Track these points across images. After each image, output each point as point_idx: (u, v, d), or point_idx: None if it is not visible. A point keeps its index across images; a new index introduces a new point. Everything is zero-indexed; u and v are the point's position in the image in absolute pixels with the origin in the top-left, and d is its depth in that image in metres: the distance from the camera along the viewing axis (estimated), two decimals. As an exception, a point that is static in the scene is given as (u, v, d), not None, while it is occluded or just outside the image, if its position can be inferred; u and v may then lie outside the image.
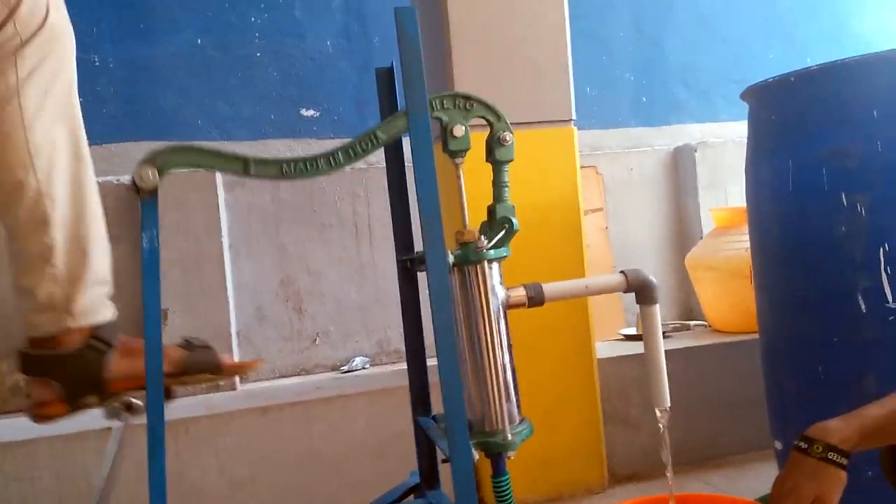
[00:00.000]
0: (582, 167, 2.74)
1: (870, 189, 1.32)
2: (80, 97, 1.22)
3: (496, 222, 0.91)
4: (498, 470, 0.88)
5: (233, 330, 2.35)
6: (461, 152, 0.87)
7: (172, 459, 1.68)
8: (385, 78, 1.03)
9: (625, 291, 0.98)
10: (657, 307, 0.98)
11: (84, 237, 0.90)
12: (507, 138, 0.90)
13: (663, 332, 2.14)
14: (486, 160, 0.93)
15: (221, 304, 2.33)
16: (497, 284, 0.88)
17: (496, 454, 0.87)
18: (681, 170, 2.81)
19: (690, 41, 3.02)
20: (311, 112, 2.66)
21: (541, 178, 1.82)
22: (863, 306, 1.33)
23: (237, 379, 2.32)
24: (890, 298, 1.31)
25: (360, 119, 2.68)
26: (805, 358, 1.42)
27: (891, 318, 1.30)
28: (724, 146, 2.67)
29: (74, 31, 0.94)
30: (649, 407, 1.94)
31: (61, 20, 0.92)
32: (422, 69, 0.77)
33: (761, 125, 1.53)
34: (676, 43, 3.01)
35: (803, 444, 0.91)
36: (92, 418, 1.67)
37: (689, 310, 2.71)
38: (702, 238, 2.41)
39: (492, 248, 0.87)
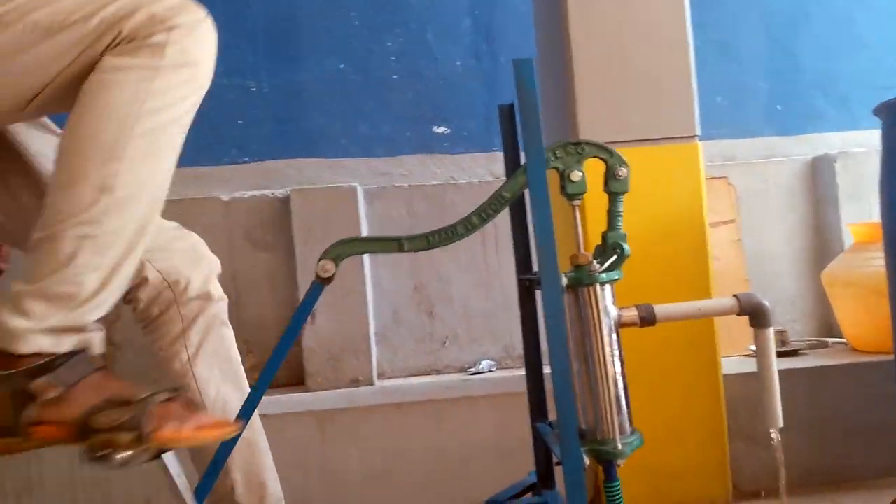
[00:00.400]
0: (712, 178, 2.73)
1: None
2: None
3: (609, 248, 0.99)
4: (609, 476, 0.96)
5: (371, 331, 2.55)
6: (578, 195, 0.95)
7: (318, 448, 1.88)
8: (507, 115, 1.13)
9: (738, 314, 1.02)
10: (771, 330, 1.02)
11: (258, 472, 1.07)
12: (622, 172, 0.98)
13: (797, 350, 2.11)
14: (604, 190, 1.01)
15: (362, 308, 2.54)
16: (609, 304, 0.96)
17: (607, 462, 0.95)
18: (819, 180, 2.71)
19: (827, 47, 2.90)
20: (442, 129, 2.82)
21: (665, 194, 1.85)
22: None
23: (374, 375, 2.52)
24: None
25: (487, 134, 2.81)
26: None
27: None
28: (867, 155, 2.55)
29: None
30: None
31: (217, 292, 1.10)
32: (539, 126, 0.87)
33: (894, 142, 1.49)
34: (812, 49, 2.91)
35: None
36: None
37: (828, 326, 2.61)
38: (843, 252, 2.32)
39: (604, 271, 0.95)
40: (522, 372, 1.16)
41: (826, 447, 1.91)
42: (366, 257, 2.59)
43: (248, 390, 1.04)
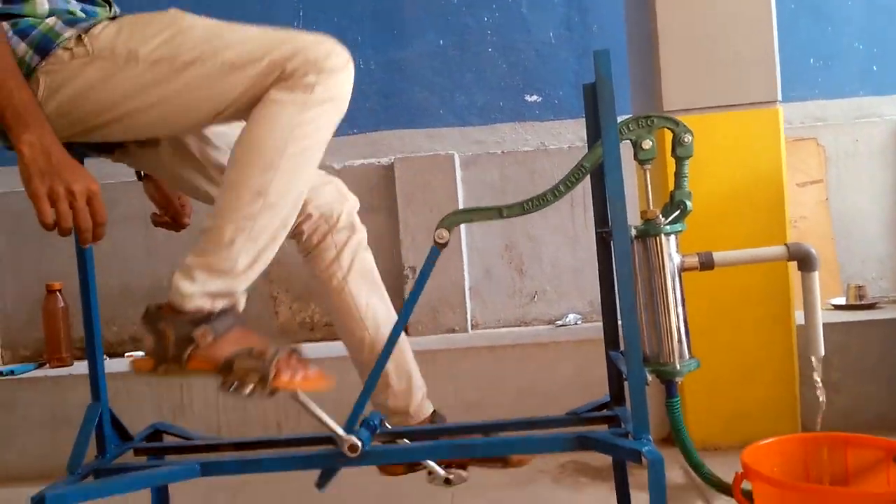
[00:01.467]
0: (801, 139, 2.79)
1: None
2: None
3: (674, 204, 1.16)
4: (669, 392, 1.16)
5: (466, 286, 2.80)
6: (649, 160, 1.13)
7: (422, 384, 2.14)
8: (590, 93, 1.30)
9: (787, 260, 1.17)
10: (816, 274, 1.17)
11: (403, 361, 1.32)
12: (686, 139, 1.14)
13: (875, 304, 2.19)
14: (671, 155, 1.18)
15: (458, 264, 2.80)
16: (673, 252, 1.14)
17: (668, 381, 1.14)
18: (914, 139, 2.70)
19: (927, 5, 2.85)
20: (534, 98, 2.99)
21: (745, 156, 1.97)
22: None
23: (469, 325, 2.77)
24: None
25: (578, 101, 2.94)
26: None
27: None
28: (963, 114, 2.53)
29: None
30: (850, 372, 2.04)
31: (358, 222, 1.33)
32: (614, 108, 1.05)
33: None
34: (912, 7, 2.86)
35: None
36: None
37: (920, 283, 2.64)
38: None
39: (668, 224, 1.13)
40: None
41: (883, 397, 2.00)
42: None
43: (389, 300, 1.31)
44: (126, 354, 2.74)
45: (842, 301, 2.30)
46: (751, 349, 1.94)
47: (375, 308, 1.28)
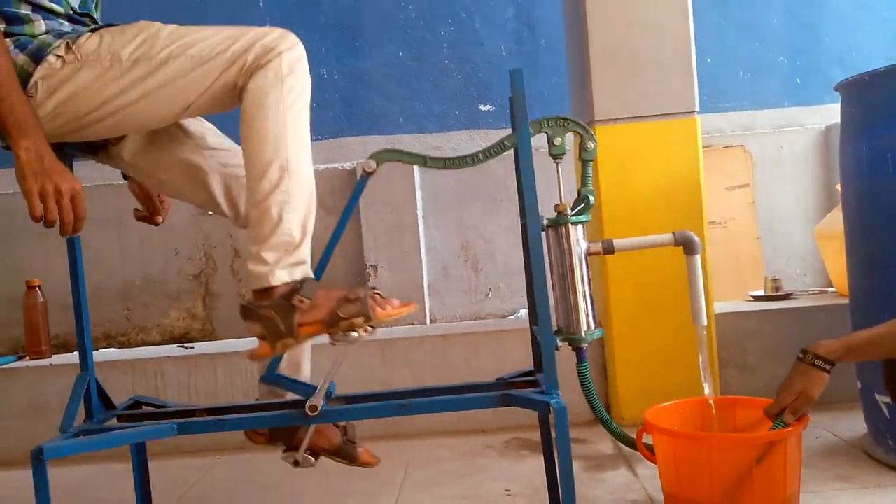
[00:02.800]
0: (729, 146, 3.05)
1: (925, 169, 1.59)
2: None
3: (580, 199, 1.37)
4: (579, 358, 1.36)
5: (425, 283, 3.00)
6: (560, 156, 1.34)
7: (378, 368, 2.33)
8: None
9: (675, 246, 1.38)
10: (698, 257, 1.38)
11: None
12: (589, 145, 1.35)
13: (788, 294, 2.42)
14: (578, 158, 1.38)
15: (416, 263, 3.00)
16: (580, 239, 1.34)
17: (577, 347, 1.35)
18: (832, 147, 2.97)
19: (847, 22, 3.12)
20: (488, 107, 3.21)
21: (666, 161, 2.20)
22: (919, 267, 1.61)
23: (427, 321, 2.97)
24: (941, 260, 1.57)
25: (528, 109, 3.17)
26: (874, 310, 1.71)
27: (941, 276, 1.57)
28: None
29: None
30: (765, 355, 2.28)
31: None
32: (527, 115, 1.25)
33: (846, 114, 1.81)
34: (832, 25, 3.15)
35: (800, 355, 1.29)
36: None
37: (834, 278, 2.90)
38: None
39: (574, 215, 1.34)
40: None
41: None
42: (420, 223, 3.02)
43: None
44: (100, 350, 2.89)
45: (760, 293, 2.54)
46: (673, 334, 2.16)
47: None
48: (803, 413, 1.28)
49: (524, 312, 2.93)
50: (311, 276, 1.24)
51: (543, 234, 1.34)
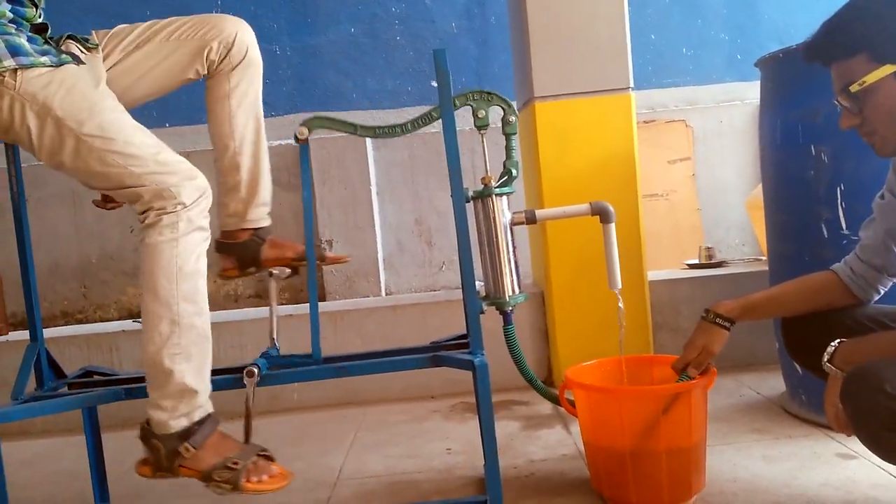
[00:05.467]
0: (671, 121, 3.15)
1: (830, 141, 1.70)
2: (265, 80, 1.80)
3: (505, 171, 1.46)
4: (505, 321, 1.46)
5: (380, 257, 3.08)
6: (484, 127, 1.42)
7: (331, 339, 2.41)
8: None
9: (591, 215, 1.48)
10: (612, 225, 1.47)
11: (257, 178, 1.52)
12: (512, 119, 1.43)
13: (721, 262, 2.54)
14: (502, 132, 1.47)
15: (371, 238, 3.07)
16: (505, 209, 1.43)
17: (503, 311, 1.45)
18: (768, 121, 3.09)
19: (784, 1, 3.24)
20: (439, 83, 3.27)
21: (602, 136, 2.29)
22: (825, 232, 1.73)
23: (383, 294, 3.05)
24: (844, 226, 1.70)
25: (478, 85, 3.22)
26: (787, 272, 1.83)
27: (844, 241, 1.69)
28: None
29: (260, 29, 1.52)
30: (697, 319, 2.39)
31: (255, 54, 1.55)
32: (450, 94, 1.32)
33: (764, 89, 1.92)
34: (772, 2, 3.25)
35: (703, 314, 1.40)
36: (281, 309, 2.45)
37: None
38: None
39: (497, 187, 1.42)
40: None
41: (735, 338, 2.37)
42: (374, 198, 3.09)
43: (263, 132, 1.52)
44: (57, 327, 2.92)
45: (695, 261, 2.66)
46: (612, 300, 2.26)
47: (246, 125, 1.49)
48: (707, 367, 1.40)
49: (478, 284, 3.02)
50: (212, 413, 1.32)
51: (470, 205, 1.43)
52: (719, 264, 2.60)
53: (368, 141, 3.09)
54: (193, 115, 3.04)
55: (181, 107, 3.02)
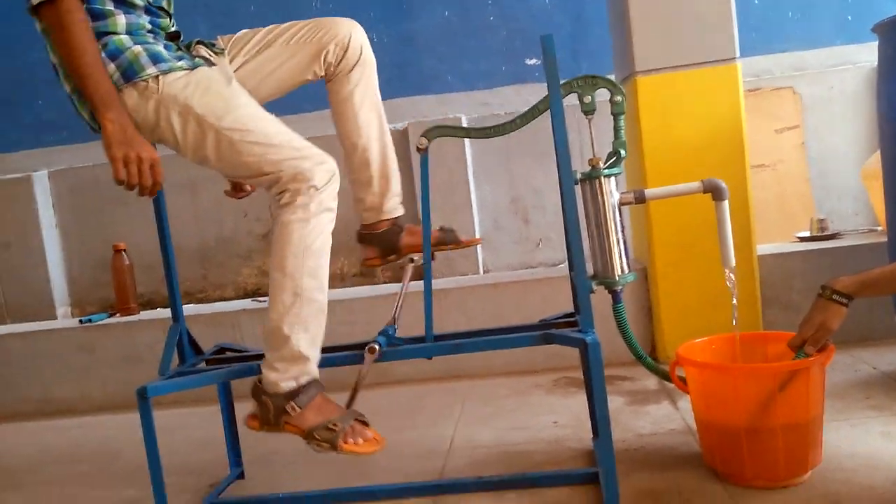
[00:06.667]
0: (778, 88, 3.04)
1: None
2: None
3: (613, 152, 1.47)
4: (615, 300, 1.48)
5: (477, 236, 3.13)
6: (591, 112, 1.44)
7: (436, 316, 2.47)
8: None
9: (703, 193, 1.47)
10: (726, 202, 1.46)
11: (387, 172, 1.64)
12: (617, 99, 1.44)
13: (834, 235, 2.46)
14: (610, 112, 1.48)
15: (469, 217, 3.13)
16: (613, 190, 1.44)
17: (612, 290, 1.47)
18: (884, 84, 2.92)
19: (901, -47, 3.03)
20: (533, 61, 3.27)
21: (708, 108, 2.25)
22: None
23: (481, 271, 3.12)
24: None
25: (574, 62, 3.22)
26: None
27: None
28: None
29: (358, 18, 1.59)
30: (808, 294, 2.33)
31: (368, 53, 1.63)
32: (558, 79, 1.34)
33: (883, 55, 1.83)
34: (886, -43, 3.05)
35: (819, 291, 1.38)
36: (387, 287, 2.57)
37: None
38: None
39: (606, 168, 1.44)
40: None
41: (853, 311, 2.29)
42: (471, 178, 3.15)
43: (385, 124, 1.64)
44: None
45: (806, 234, 2.57)
46: (715, 274, 2.22)
47: (370, 122, 1.60)
48: (825, 343, 1.38)
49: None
50: (318, 378, 1.43)
51: (578, 187, 1.46)
52: (832, 236, 2.50)
53: (465, 123, 3.14)
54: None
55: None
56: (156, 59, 1.38)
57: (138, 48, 1.38)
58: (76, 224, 3.33)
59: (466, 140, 3.14)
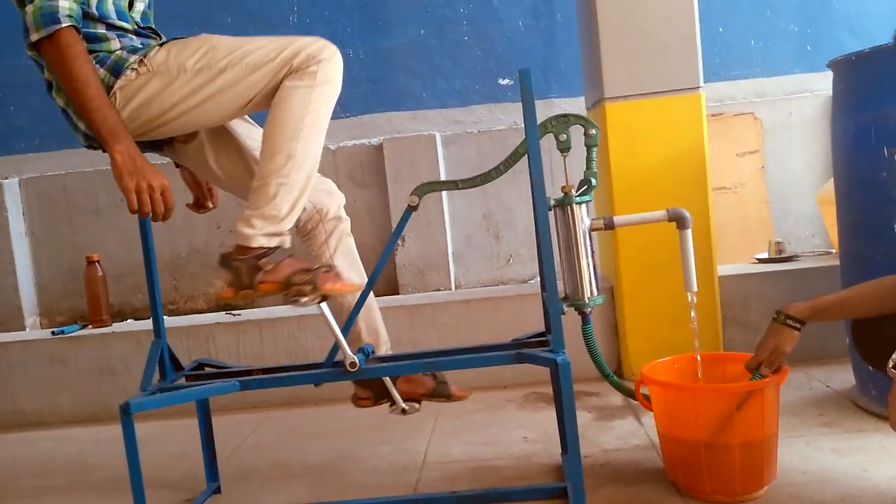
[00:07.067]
0: (740, 114, 3.17)
1: (904, 143, 1.73)
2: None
3: (584, 181, 1.55)
4: (584, 321, 1.56)
5: (449, 251, 3.20)
6: (566, 150, 1.51)
7: (408, 331, 2.55)
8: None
9: (668, 221, 1.55)
10: (689, 231, 1.55)
11: (373, 325, 1.66)
12: (591, 132, 1.51)
13: (791, 257, 2.57)
14: (584, 144, 1.55)
15: (441, 233, 3.20)
16: (584, 216, 1.52)
17: (581, 312, 1.54)
18: (839, 112, 3.07)
19: (855, -11, 3.19)
20: (506, 81, 3.36)
21: (673, 135, 2.35)
22: (897, 232, 1.76)
23: (452, 286, 3.18)
24: (917, 227, 1.73)
25: (546, 83, 3.32)
26: (859, 272, 1.87)
27: (917, 242, 1.72)
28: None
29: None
30: (766, 314, 2.43)
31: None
32: (534, 114, 1.40)
33: (836, 91, 1.95)
34: (841, -8, 3.21)
35: (774, 315, 1.47)
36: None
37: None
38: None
39: (577, 195, 1.51)
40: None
41: (807, 331, 2.40)
42: (444, 195, 3.21)
43: (365, 275, 1.68)
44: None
45: (764, 255, 2.69)
46: (678, 294, 2.32)
47: (353, 280, 1.63)
48: (779, 366, 1.47)
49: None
50: (286, 246, 1.45)
51: (551, 213, 1.53)
52: (789, 258, 2.62)
53: (438, 140, 3.21)
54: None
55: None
56: (134, 50, 1.46)
57: (120, 50, 1.44)
58: (46, 232, 3.31)
59: (440, 155, 3.21)
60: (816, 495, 1.46)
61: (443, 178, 3.23)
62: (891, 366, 1.23)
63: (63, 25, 1.33)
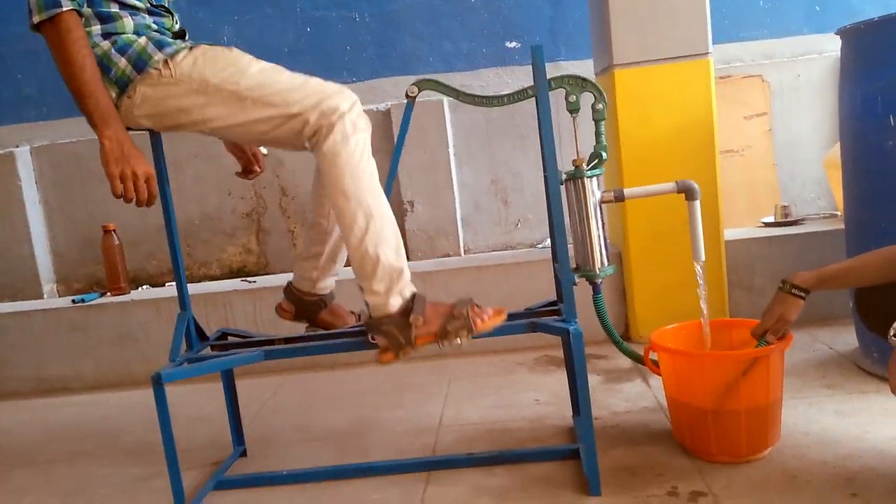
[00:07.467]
0: (748, 76, 3.16)
1: (912, 112, 1.75)
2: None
3: (594, 155, 1.57)
4: (595, 290, 1.61)
5: (458, 217, 3.24)
6: (575, 111, 1.53)
7: (422, 297, 2.60)
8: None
9: (677, 193, 1.59)
10: (697, 202, 1.58)
11: (335, 255, 1.68)
12: (599, 106, 1.54)
13: (797, 221, 2.60)
14: (592, 118, 1.58)
15: (449, 198, 3.23)
16: (595, 189, 1.55)
17: (592, 282, 1.59)
18: (848, 73, 3.06)
19: (868, -54, 3.15)
20: (514, 44, 3.35)
21: (681, 101, 2.36)
22: (903, 200, 1.79)
23: (461, 251, 3.23)
24: (922, 195, 1.76)
25: (554, 46, 3.31)
26: (863, 239, 1.91)
27: (922, 209, 1.76)
28: None
29: None
30: (772, 278, 2.51)
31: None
32: (546, 88, 1.43)
33: (844, 58, 1.95)
34: (854, -51, 3.17)
35: (780, 284, 1.52)
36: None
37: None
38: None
39: (589, 169, 1.55)
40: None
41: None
42: (452, 161, 3.23)
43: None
44: (166, 284, 3.22)
45: (770, 219, 2.73)
46: (685, 260, 2.37)
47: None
48: (784, 333, 1.52)
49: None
50: (416, 291, 1.48)
51: (562, 186, 1.56)
52: (795, 222, 2.66)
53: (446, 106, 3.21)
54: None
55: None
56: (160, 45, 1.46)
57: (144, 39, 1.45)
58: (60, 200, 3.35)
59: (448, 121, 3.22)
60: (819, 456, 1.52)
61: (451, 144, 3.26)
62: (892, 334, 1.27)
63: (64, 9, 1.35)
